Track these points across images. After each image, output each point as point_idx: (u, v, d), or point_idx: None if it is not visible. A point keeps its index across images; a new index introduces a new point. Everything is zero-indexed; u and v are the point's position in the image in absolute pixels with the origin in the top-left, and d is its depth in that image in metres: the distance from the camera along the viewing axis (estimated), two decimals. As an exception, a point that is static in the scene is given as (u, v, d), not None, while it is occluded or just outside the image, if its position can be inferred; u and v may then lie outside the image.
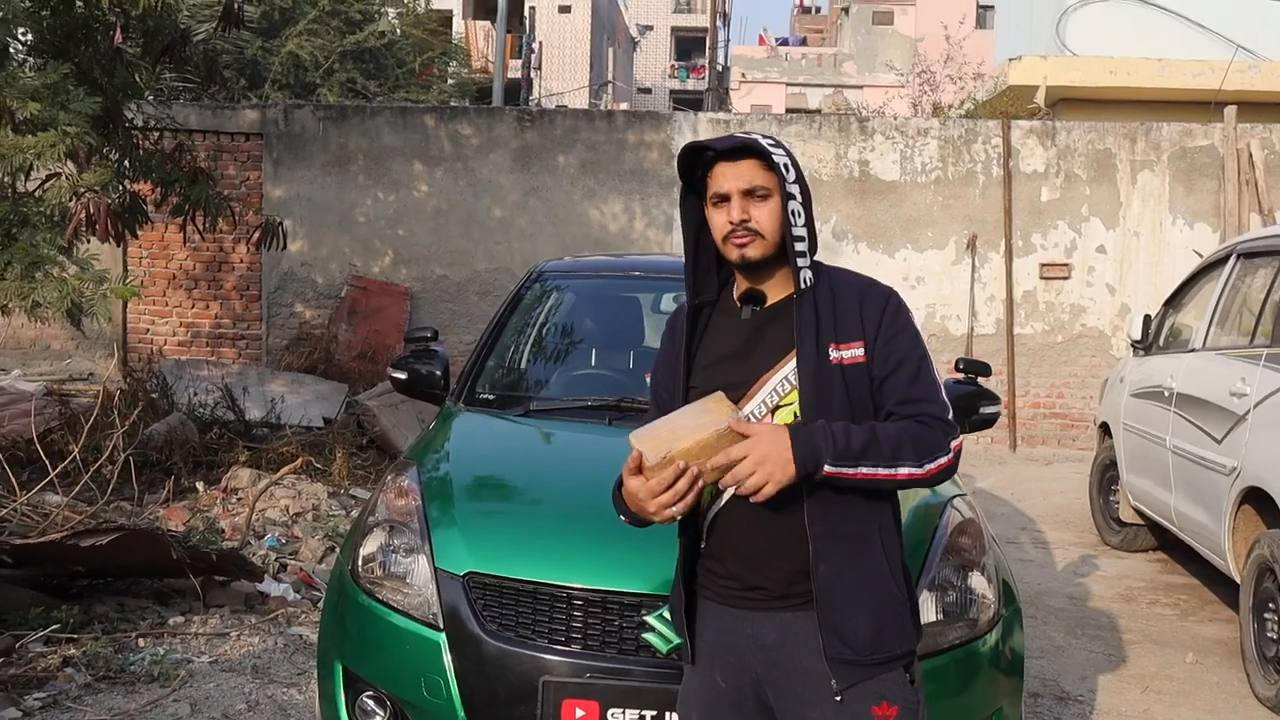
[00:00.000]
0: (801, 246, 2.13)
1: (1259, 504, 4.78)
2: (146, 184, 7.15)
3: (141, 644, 4.57)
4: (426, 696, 2.87)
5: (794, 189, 2.12)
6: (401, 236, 11.20)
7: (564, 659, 2.77)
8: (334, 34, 14.45)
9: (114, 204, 6.07)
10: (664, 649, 2.72)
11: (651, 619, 2.75)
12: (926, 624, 2.85)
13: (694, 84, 44.43)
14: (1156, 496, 6.14)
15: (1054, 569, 6.64)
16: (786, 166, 2.12)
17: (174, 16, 6.74)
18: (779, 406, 2.10)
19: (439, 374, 4.18)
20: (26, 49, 6.86)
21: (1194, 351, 5.93)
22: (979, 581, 3.06)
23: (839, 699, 2.04)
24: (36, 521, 4.88)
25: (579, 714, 2.71)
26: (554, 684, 2.73)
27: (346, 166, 11.19)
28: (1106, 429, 7.27)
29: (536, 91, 30.28)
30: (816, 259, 2.19)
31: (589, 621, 2.81)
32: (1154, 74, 12.69)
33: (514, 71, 26.65)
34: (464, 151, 11.15)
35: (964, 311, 11.01)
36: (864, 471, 2.01)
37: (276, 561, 5.64)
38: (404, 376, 4.22)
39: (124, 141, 6.79)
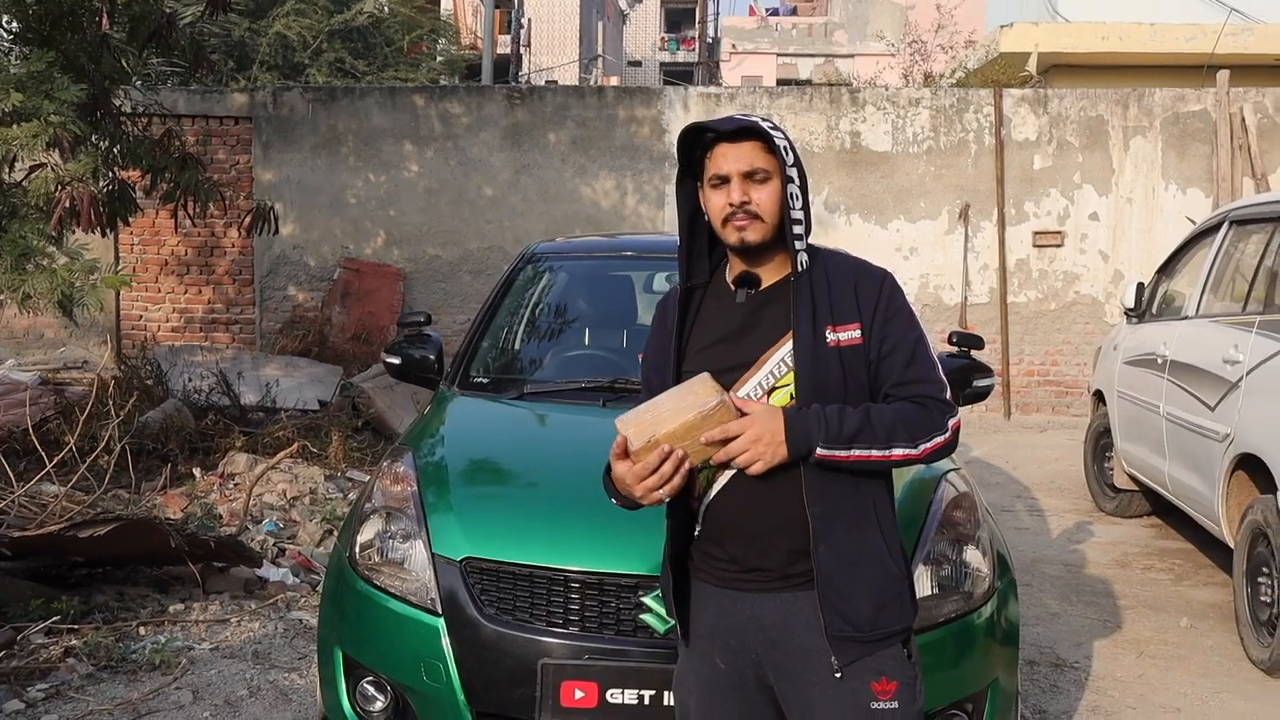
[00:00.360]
0: (799, 230, 2.13)
1: (1252, 470, 4.81)
2: (136, 171, 7.12)
3: (142, 632, 4.59)
4: (426, 681, 2.89)
5: (793, 172, 2.13)
6: (393, 217, 11.17)
7: (562, 641, 2.78)
8: (321, 13, 14.34)
9: (100, 193, 6.04)
10: (661, 629, 2.74)
11: (648, 600, 2.77)
12: (922, 598, 2.86)
13: (684, 56, 44.20)
14: (1151, 463, 6.17)
15: (1049, 536, 6.68)
16: (786, 149, 2.12)
17: (160, 1, 6.70)
18: (775, 389, 2.10)
19: (433, 358, 4.18)
20: (12, 37, 6.82)
21: (1187, 319, 5.94)
22: (974, 555, 3.08)
23: (839, 675, 2.06)
24: (34, 513, 4.89)
25: (578, 695, 2.73)
26: (553, 666, 2.75)
27: (336, 148, 11.15)
28: (1100, 396, 7.30)
29: (526, 67, 30.13)
30: (810, 241, 2.19)
31: (586, 604, 2.82)
32: (1146, 39, 12.66)
33: (503, 47, 26.50)
34: (454, 131, 11.11)
35: (957, 281, 11.01)
36: (857, 454, 2.02)
37: (275, 546, 5.65)
38: (398, 361, 4.22)
39: (112, 129, 6.76)
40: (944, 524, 3.08)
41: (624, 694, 2.72)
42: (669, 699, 2.68)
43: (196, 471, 6.85)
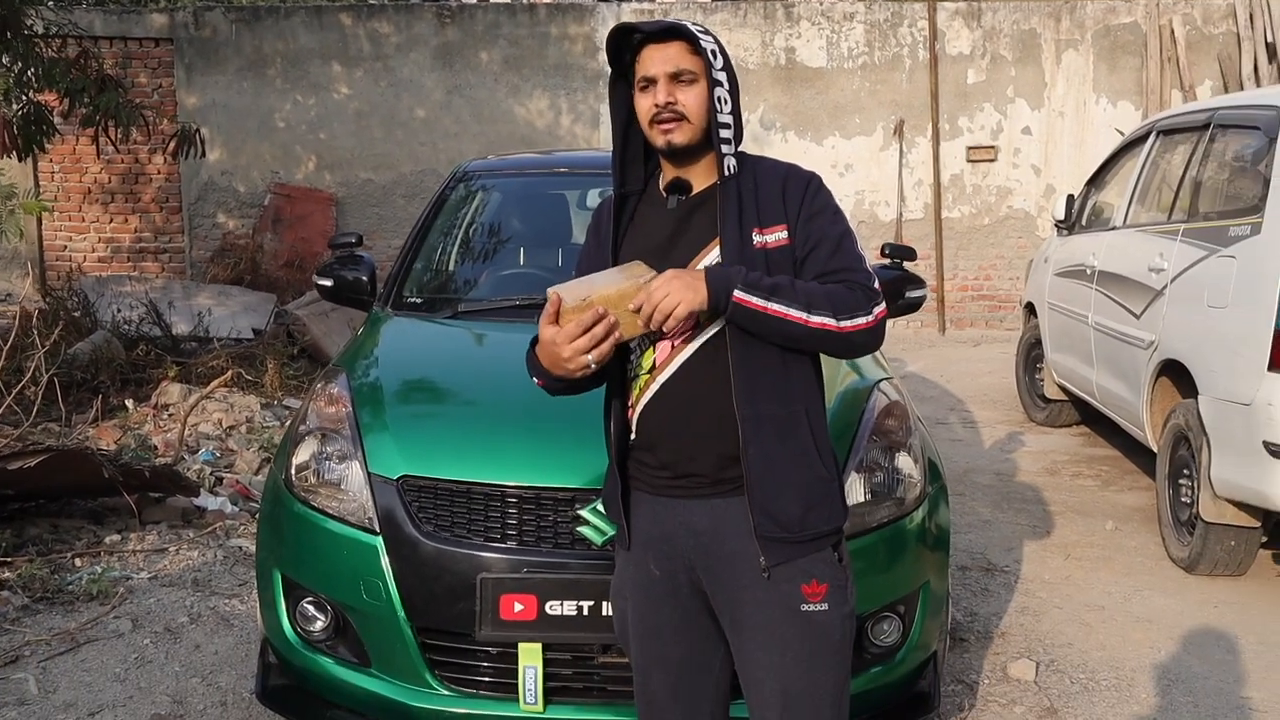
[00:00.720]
0: (726, 134, 2.12)
1: (1175, 376, 4.93)
2: (53, 94, 6.89)
3: (78, 564, 4.54)
4: (366, 599, 2.89)
5: (720, 75, 2.11)
6: (323, 141, 10.95)
7: (501, 556, 2.80)
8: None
9: (15, 116, 5.85)
10: (598, 541, 2.77)
11: (585, 512, 2.79)
12: (855, 505, 2.93)
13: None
14: (1079, 373, 6.30)
15: (982, 447, 6.82)
16: (714, 52, 2.10)
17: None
18: None
19: (365, 279, 4.12)
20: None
21: (1115, 229, 6.03)
22: (905, 462, 3.13)
23: (767, 576, 2.09)
24: (-39, 446, 4.80)
25: (517, 608, 2.75)
26: (492, 580, 2.77)
27: (263, 70, 10.87)
28: (1032, 309, 7.42)
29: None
30: (742, 150, 2.18)
31: (524, 518, 2.84)
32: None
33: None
34: (383, 51, 10.86)
35: (892, 197, 11.07)
36: (776, 307, 1.99)
37: (212, 475, 5.61)
38: (330, 283, 4.15)
39: (24, 50, 6.52)
40: (876, 431, 3.12)
41: (563, 605, 2.75)
42: (607, 609, 2.71)
43: (129, 403, 6.75)
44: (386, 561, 2.87)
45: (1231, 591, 4.51)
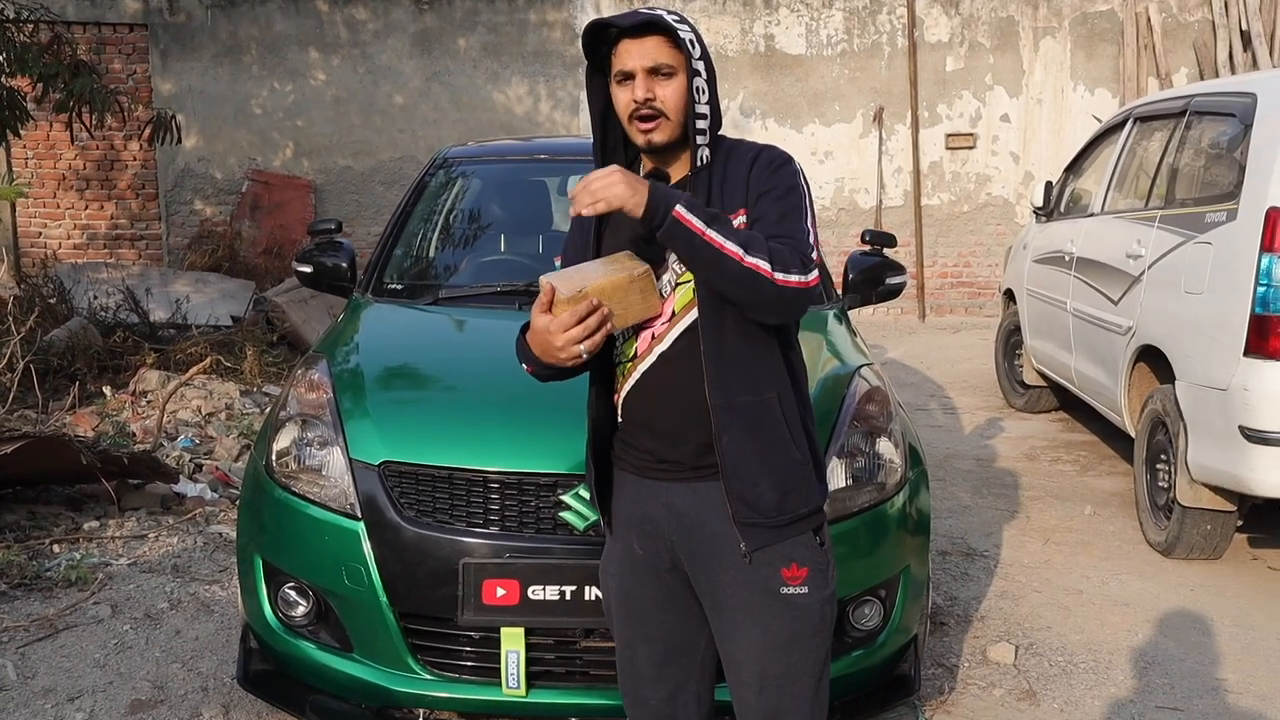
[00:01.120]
0: (703, 125, 2.11)
1: (1153, 361, 4.96)
2: (25, 80, 6.82)
3: (56, 550, 4.52)
4: (348, 584, 2.89)
5: (699, 65, 2.10)
6: (301, 128, 10.89)
7: (483, 541, 2.80)
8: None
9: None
10: (580, 526, 2.78)
11: (567, 498, 2.80)
12: (836, 490, 2.94)
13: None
14: (1058, 359, 6.34)
15: (961, 433, 6.86)
16: (692, 43, 2.09)
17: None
18: (679, 284, 2.11)
19: (345, 266, 4.11)
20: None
21: (1093, 216, 6.06)
22: (886, 447, 3.15)
23: (748, 560, 2.10)
24: (-64, 433, 4.76)
25: (500, 593, 2.76)
26: (474, 565, 2.77)
27: (239, 57, 10.79)
28: (1011, 295, 7.45)
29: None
30: (722, 134, 2.18)
31: (506, 503, 2.84)
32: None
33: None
34: (361, 37, 10.80)
35: (872, 184, 11.09)
36: (713, 235, 1.95)
37: (192, 462, 5.58)
38: (309, 270, 4.14)
39: (-5, 35, 6.45)
40: (857, 417, 3.14)
41: (545, 590, 2.75)
42: (589, 594, 2.73)
43: (106, 390, 6.70)
44: (368, 547, 2.87)
45: (1207, 575, 4.55)
